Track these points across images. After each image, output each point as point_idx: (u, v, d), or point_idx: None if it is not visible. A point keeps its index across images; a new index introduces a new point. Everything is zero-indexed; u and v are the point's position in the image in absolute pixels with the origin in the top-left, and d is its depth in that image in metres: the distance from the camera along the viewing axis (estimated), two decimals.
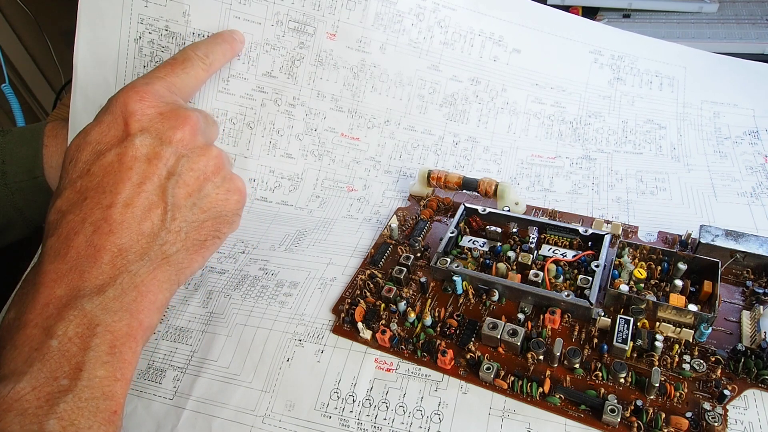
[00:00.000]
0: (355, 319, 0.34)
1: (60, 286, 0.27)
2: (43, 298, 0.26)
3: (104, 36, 0.42)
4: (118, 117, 0.31)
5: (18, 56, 1.02)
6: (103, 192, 0.29)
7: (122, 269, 0.28)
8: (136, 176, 0.29)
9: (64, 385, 0.24)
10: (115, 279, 0.28)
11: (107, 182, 0.29)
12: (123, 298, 0.27)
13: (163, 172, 0.30)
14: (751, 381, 0.28)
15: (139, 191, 0.29)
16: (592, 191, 0.43)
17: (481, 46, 0.47)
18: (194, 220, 0.31)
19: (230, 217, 0.34)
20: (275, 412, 0.31)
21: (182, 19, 0.42)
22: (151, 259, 0.29)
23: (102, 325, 0.26)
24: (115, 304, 0.27)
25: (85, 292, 0.27)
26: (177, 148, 0.31)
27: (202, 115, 0.34)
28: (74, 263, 0.27)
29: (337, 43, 0.44)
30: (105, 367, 0.26)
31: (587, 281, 0.33)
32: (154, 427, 0.32)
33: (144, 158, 0.30)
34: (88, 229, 0.28)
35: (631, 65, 0.49)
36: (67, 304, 0.26)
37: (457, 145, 0.47)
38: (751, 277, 0.34)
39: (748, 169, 0.43)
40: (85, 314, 0.26)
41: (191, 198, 0.31)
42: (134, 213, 0.29)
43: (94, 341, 0.26)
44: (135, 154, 0.30)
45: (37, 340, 0.25)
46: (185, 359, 0.35)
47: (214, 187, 0.32)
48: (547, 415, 0.29)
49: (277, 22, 0.43)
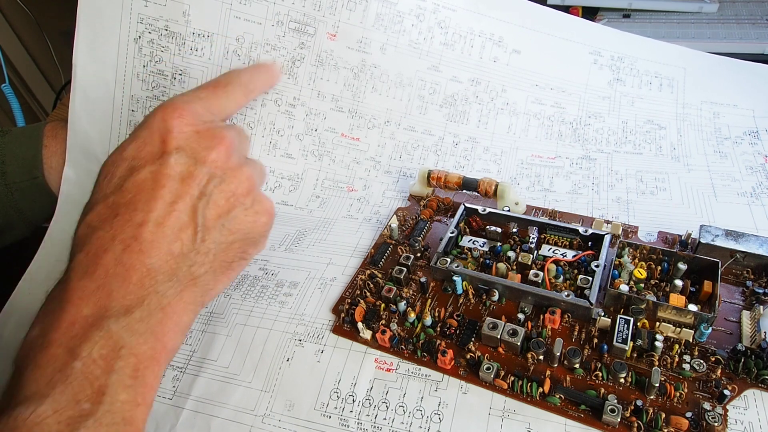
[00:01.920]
0: (355, 319, 0.34)
1: (87, 305, 0.26)
2: (69, 316, 0.26)
3: (104, 36, 0.42)
4: (155, 133, 0.31)
5: (18, 56, 1.02)
6: (135, 209, 0.28)
7: (150, 290, 0.28)
8: (169, 195, 0.29)
9: (86, 408, 0.24)
10: (143, 300, 0.27)
11: (140, 199, 0.29)
12: (149, 320, 0.27)
13: (196, 192, 0.30)
14: (751, 381, 0.28)
15: (171, 210, 0.29)
16: (592, 191, 0.43)
17: (481, 47, 0.47)
18: (222, 242, 0.31)
19: (257, 239, 0.33)
20: (275, 412, 0.31)
21: (182, 18, 0.42)
22: (179, 281, 0.29)
23: (127, 347, 0.26)
24: (141, 326, 0.27)
25: (112, 312, 0.26)
26: (211, 169, 0.31)
27: (237, 133, 0.34)
28: (102, 282, 0.27)
29: (338, 44, 0.44)
30: (127, 391, 0.25)
31: (587, 281, 0.33)
32: (153, 426, 0.32)
33: (178, 177, 0.30)
34: (118, 247, 0.28)
35: (631, 66, 0.49)
36: (93, 325, 0.26)
37: (457, 145, 0.47)
38: (751, 277, 0.34)
39: (748, 169, 0.43)
40: (111, 335, 0.26)
41: (221, 219, 0.31)
42: (165, 233, 0.28)
43: (118, 364, 0.25)
44: (169, 173, 0.29)
45: (61, 361, 0.25)
46: (185, 359, 0.35)
47: (243, 209, 0.32)
48: (547, 415, 0.29)
49: (278, 22, 0.43)
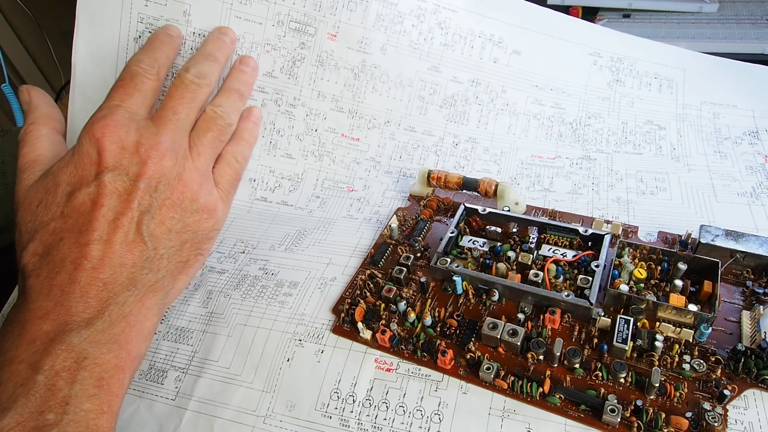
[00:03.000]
0: (355, 319, 0.34)
1: (46, 322, 0.27)
2: (30, 334, 0.26)
3: (103, 35, 0.42)
4: (85, 156, 0.31)
5: (18, 56, 1.02)
6: (79, 231, 0.29)
7: (109, 301, 0.28)
8: (110, 213, 0.30)
9: (50, 419, 0.24)
10: (103, 311, 0.28)
11: (81, 222, 0.29)
12: (111, 330, 0.27)
13: (137, 206, 0.30)
14: (751, 381, 0.28)
15: (115, 228, 0.29)
16: (592, 191, 0.43)
17: (482, 48, 0.47)
18: (173, 245, 0.32)
19: (207, 233, 0.34)
20: (276, 413, 0.31)
21: (183, 18, 0.42)
22: (137, 289, 0.29)
23: (90, 358, 0.26)
24: (104, 337, 0.27)
25: (72, 326, 0.27)
26: (147, 181, 0.31)
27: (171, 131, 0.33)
28: (59, 299, 0.27)
29: (338, 44, 0.45)
30: (92, 400, 0.26)
31: (587, 281, 0.33)
32: (157, 427, 0.32)
33: (116, 195, 0.30)
34: (69, 267, 0.28)
35: (630, 67, 0.49)
36: (54, 339, 0.26)
37: (457, 145, 0.48)
38: (751, 277, 0.34)
39: (748, 169, 0.43)
40: (72, 348, 0.26)
41: (165, 225, 0.32)
42: (113, 248, 0.29)
43: (81, 374, 0.26)
44: (106, 192, 0.30)
45: (23, 375, 0.25)
46: (186, 359, 0.35)
47: (185, 212, 0.33)
48: (547, 415, 0.29)
49: (278, 22, 0.43)
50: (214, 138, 0.36)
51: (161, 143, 0.32)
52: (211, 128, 0.36)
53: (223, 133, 0.37)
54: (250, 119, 0.41)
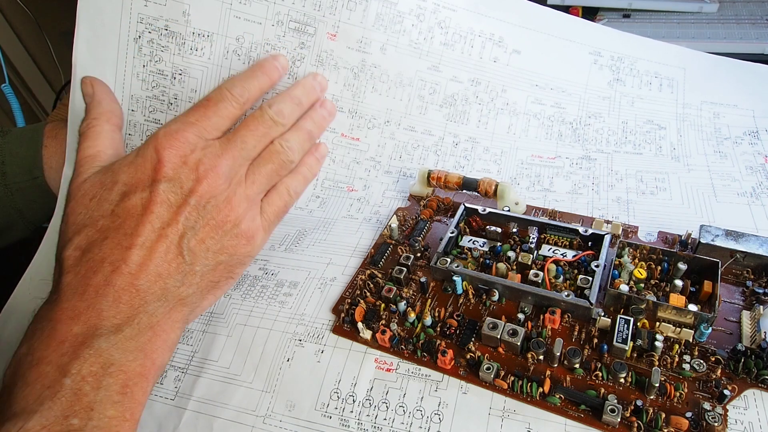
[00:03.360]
0: (355, 319, 0.34)
1: (77, 324, 0.27)
2: (59, 335, 0.27)
3: (104, 35, 0.42)
4: (147, 162, 0.32)
5: (18, 56, 1.02)
6: (125, 234, 0.30)
7: (140, 309, 0.29)
8: (158, 221, 0.30)
9: (74, 424, 0.24)
10: (133, 319, 0.28)
11: (129, 224, 0.30)
12: (139, 338, 0.28)
13: (183, 220, 0.31)
14: (751, 381, 0.28)
15: (159, 236, 0.30)
16: (592, 191, 0.43)
17: (482, 47, 0.47)
18: (209, 264, 0.33)
19: (242, 259, 0.35)
20: (276, 413, 0.31)
21: (182, 18, 0.42)
22: (167, 300, 0.30)
23: (116, 364, 0.27)
24: (131, 344, 0.28)
25: (102, 330, 0.27)
26: (198, 199, 0.32)
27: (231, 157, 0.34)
28: (92, 301, 0.28)
29: (338, 44, 0.44)
30: (115, 407, 0.26)
31: (587, 281, 0.33)
32: (156, 427, 0.32)
33: (166, 205, 0.31)
34: (108, 269, 0.29)
35: (631, 66, 0.49)
36: (83, 343, 0.26)
37: (457, 145, 0.47)
38: (751, 277, 0.34)
39: (748, 169, 0.43)
40: (100, 353, 0.26)
41: (206, 244, 0.32)
42: (153, 256, 0.30)
43: (106, 381, 0.26)
44: (158, 200, 0.31)
45: (51, 378, 0.25)
46: (186, 359, 0.35)
47: (225, 235, 0.33)
48: (547, 415, 0.29)
49: (278, 22, 0.43)
50: (273, 171, 0.37)
51: (220, 166, 0.33)
52: (272, 161, 0.36)
53: (282, 168, 0.37)
54: (314, 155, 0.41)
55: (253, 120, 0.36)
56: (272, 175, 0.37)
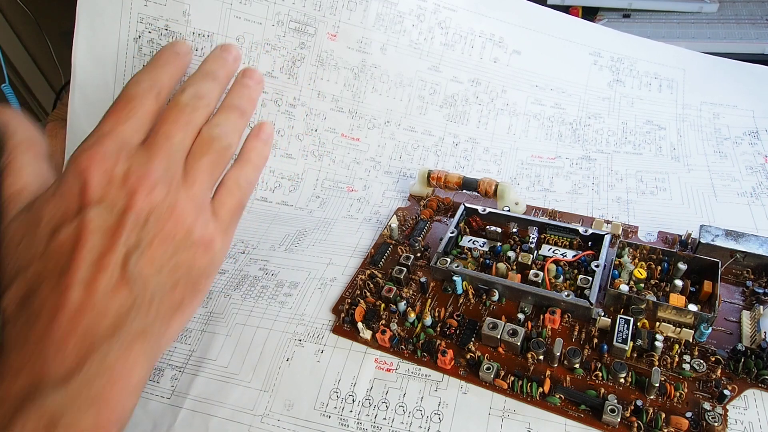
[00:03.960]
0: (355, 319, 0.34)
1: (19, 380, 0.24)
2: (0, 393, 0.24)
3: (104, 35, 0.42)
4: (69, 188, 0.28)
5: (18, 56, 1.02)
6: (60, 274, 0.26)
7: (89, 353, 0.25)
8: (94, 252, 0.27)
9: None
10: (82, 366, 0.25)
11: (62, 263, 0.26)
12: (90, 388, 0.25)
13: (122, 244, 0.27)
14: (751, 381, 0.28)
15: (98, 268, 0.26)
16: (592, 191, 0.43)
17: (482, 48, 0.47)
18: (165, 285, 0.28)
19: (205, 270, 0.30)
20: (274, 412, 0.31)
21: (182, 18, 0.42)
22: (121, 338, 0.26)
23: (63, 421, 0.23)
24: (82, 395, 0.24)
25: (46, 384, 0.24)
26: (136, 216, 0.28)
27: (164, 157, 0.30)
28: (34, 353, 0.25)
29: (338, 44, 0.45)
30: None
31: (587, 281, 0.33)
32: (151, 426, 0.32)
33: (100, 232, 0.27)
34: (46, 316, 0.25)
35: (631, 67, 0.49)
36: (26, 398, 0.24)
37: (457, 145, 0.47)
38: (751, 277, 0.34)
39: (748, 169, 0.43)
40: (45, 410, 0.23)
41: (156, 264, 0.28)
42: (96, 292, 0.26)
43: None
44: (91, 227, 0.27)
45: None
46: (184, 358, 0.35)
47: (179, 248, 0.29)
48: (547, 415, 0.29)
49: (278, 22, 0.43)
50: (212, 163, 0.32)
51: (152, 172, 0.29)
52: (206, 152, 0.31)
53: (221, 156, 0.32)
54: (259, 137, 0.35)
55: (170, 110, 0.31)
56: (213, 168, 0.32)
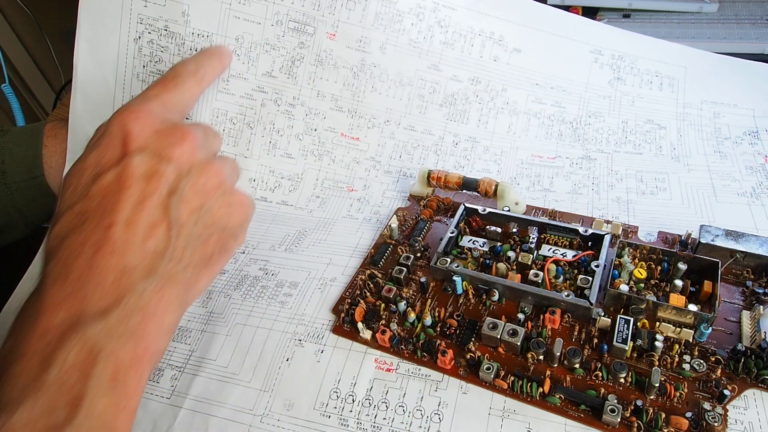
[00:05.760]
0: (355, 319, 0.34)
1: (60, 312, 0.25)
2: (43, 325, 0.25)
3: (104, 36, 0.42)
4: (114, 138, 0.30)
5: (18, 56, 1.02)
6: (103, 213, 0.28)
7: (127, 290, 0.27)
8: (136, 194, 0.28)
9: (62, 417, 0.23)
10: (120, 301, 0.26)
11: (106, 203, 0.28)
12: (128, 322, 0.26)
13: (164, 189, 0.29)
14: (751, 381, 0.28)
15: (140, 209, 0.28)
16: (592, 191, 0.43)
17: (482, 46, 0.47)
18: (199, 236, 0.30)
19: (235, 231, 0.33)
20: (273, 411, 0.31)
21: (181, 18, 0.42)
22: (157, 278, 0.28)
23: (105, 351, 0.25)
24: (120, 328, 0.26)
25: (87, 316, 0.25)
26: (177, 165, 0.30)
27: (202, 130, 0.33)
28: (76, 286, 0.26)
29: (337, 43, 0.44)
30: (106, 397, 0.24)
31: (587, 281, 0.33)
32: (150, 426, 0.32)
33: (143, 177, 0.29)
34: (89, 251, 0.27)
35: (632, 65, 0.49)
36: (68, 330, 0.25)
37: (457, 145, 0.47)
38: (751, 277, 0.34)
39: (748, 169, 0.43)
40: (86, 340, 0.25)
41: (194, 214, 0.30)
42: (137, 231, 0.28)
43: (95, 369, 0.24)
44: (134, 173, 0.29)
45: (35, 370, 0.24)
46: (184, 358, 0.35)
47: (215, 202, 0.31)
48: (547, 415, 0.29)
49: (277, 21, 0.43)
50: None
51: (194, 134, 0.31)
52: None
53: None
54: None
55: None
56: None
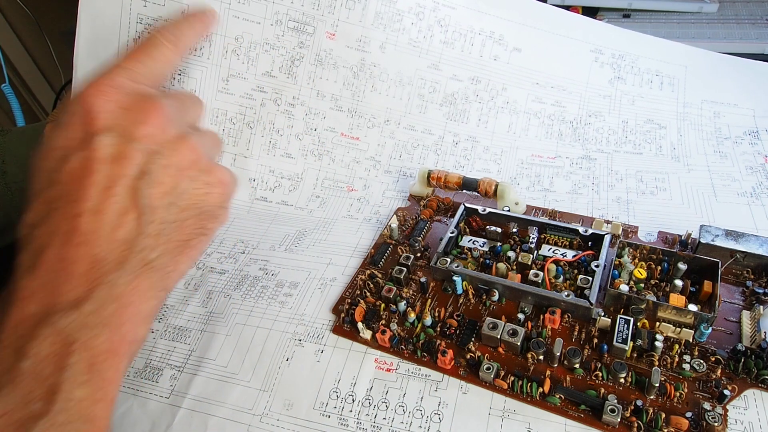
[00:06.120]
0: (355, 319, 0.34)
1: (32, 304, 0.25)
2: (15, 317, 0.25)
3: (104, 36, 0.42)
4: (78, 117, 0.28)
5: (18, 56, 1.02)
6: (70, 200, 0.26)
7: (99, 281, 0.26)
8: (103, 180, 0.27)
9: (37, 408, 0.23)
10: (92, 292, 0.25)
11: (73, 189, 0.27)
12: (102, 312, 0.25)
13: (133, 172, 0.27)
14: (751, 381, 0.28)
15: (107, 195, 0.27)
16: (592, 191, 0.43)
17: (482, 45, 0.47)
18: (174, 220, 0.29)
19: (215, 211, 0.31)
20: (273, 411, 0.31)
21: None
22: (130, 268, 0.27)
23: (79, 342, 0.24)
24: (93, 319, 0.25)
25: (59, 308, 0.25)
26: (146, 145, 0.28)
27: (176, 100, 0.31)
28: (46, 278, 0.25)
29: (337, 43, 0.44)
30: (83, 387, 0.24)
31: (587, 281, 0.33)
32: (149, 425, 0.32)
33: (109, 159, 0.27)
34: (57, 241, 0.26)
35: (632, 64, 0.49)
36: (40, 322, 0.24)
37: (457, 144, 0.47)
38: (751, 277, 0.34)
39: (748, 169, 0.43)
40: (59, 331, 0.24)
41: (167, 197, 0.28)
42: (105, 220, 0.26)
43: (70, 360, 0.24)
44: (99, 156, 0.27)
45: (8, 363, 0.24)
46: (183, 358, 0.35)
47: (191, 182, 0.29)
48: (547, 415, 0.29)
49: (277, 21, 0.43)
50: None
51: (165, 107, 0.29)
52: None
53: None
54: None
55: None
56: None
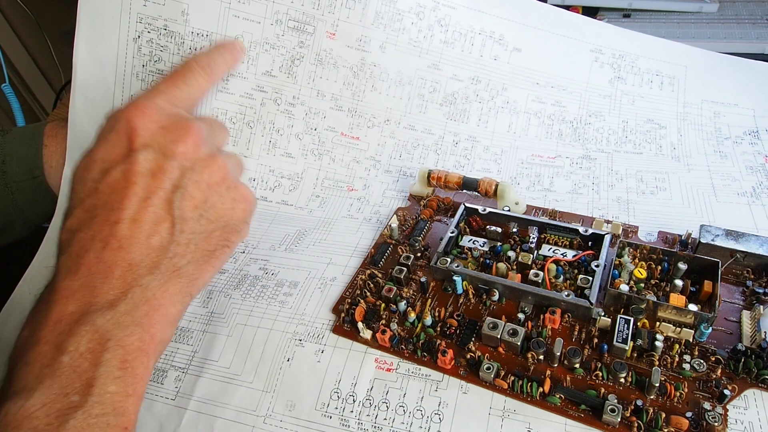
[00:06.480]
0: (355, 318, 0.34)
1: (72, 303, 0.27)
2: (56, 314, 0.27)
3: (104, 35, 0.42)
4: (121, 134, 0.31)
5: (18, 56, 1.02)
6: (111, 209, 0.29)
7: (133, 283, 0.28)
8: (142, 191, 0.30)
9: (75, 401, 0.25)
10: (126, 293, 0.28)
11: (114, 199, 0.30)
12: (134, 313, 0.28)
13: (168, 185, 0.31)
14: (751, 381, 0.28)
15: (145, 206, 0.30)
16: (592, 191, 0.43)
17: (482, 45, 0.47)
18: (202, 231, 0.32)
19: (238, 226, 0.34)
20: (276, 412, 0.31)
21: (181, 18, 0.42)
22: (161, 273, 0.30)
23: (114, 339, 0.27)
24: (127, 319, 0.27)
25: (96, 307, 0.27)
26: (180, 162, 0.31)
27: (207, 124, 0.34)
28: (85, 279, 0.28)
29: (337, 42, 0.44)
30: (116, 382, 0.26)
31: (587, 281, 0.33)
32: (157, 427, 0.32)
33: (148, 173, 0.30)
34: (98, 246, 0.29)
35: (632, 64, 0.49)
36: (79, 320, 0.27)
37: (458, 144, 0.47)
38: (751, 277, 0.34)
39: (748, 169, 0.43)
40: (96, 329, 0.26)
41: (197, 210, 0.32)
42: (142, 228, 0.29)
43: (105, 356, 0.26)
44: (139, 170, 0.30)
45: (49, 357, 0.26)
46: (186, 359, 0.35)
47: (219, 197, 0.33)
48: (547, 414, 0.29)
49: (277, 21, 0.43)
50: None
51: (198, 130, 0.32)
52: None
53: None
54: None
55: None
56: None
